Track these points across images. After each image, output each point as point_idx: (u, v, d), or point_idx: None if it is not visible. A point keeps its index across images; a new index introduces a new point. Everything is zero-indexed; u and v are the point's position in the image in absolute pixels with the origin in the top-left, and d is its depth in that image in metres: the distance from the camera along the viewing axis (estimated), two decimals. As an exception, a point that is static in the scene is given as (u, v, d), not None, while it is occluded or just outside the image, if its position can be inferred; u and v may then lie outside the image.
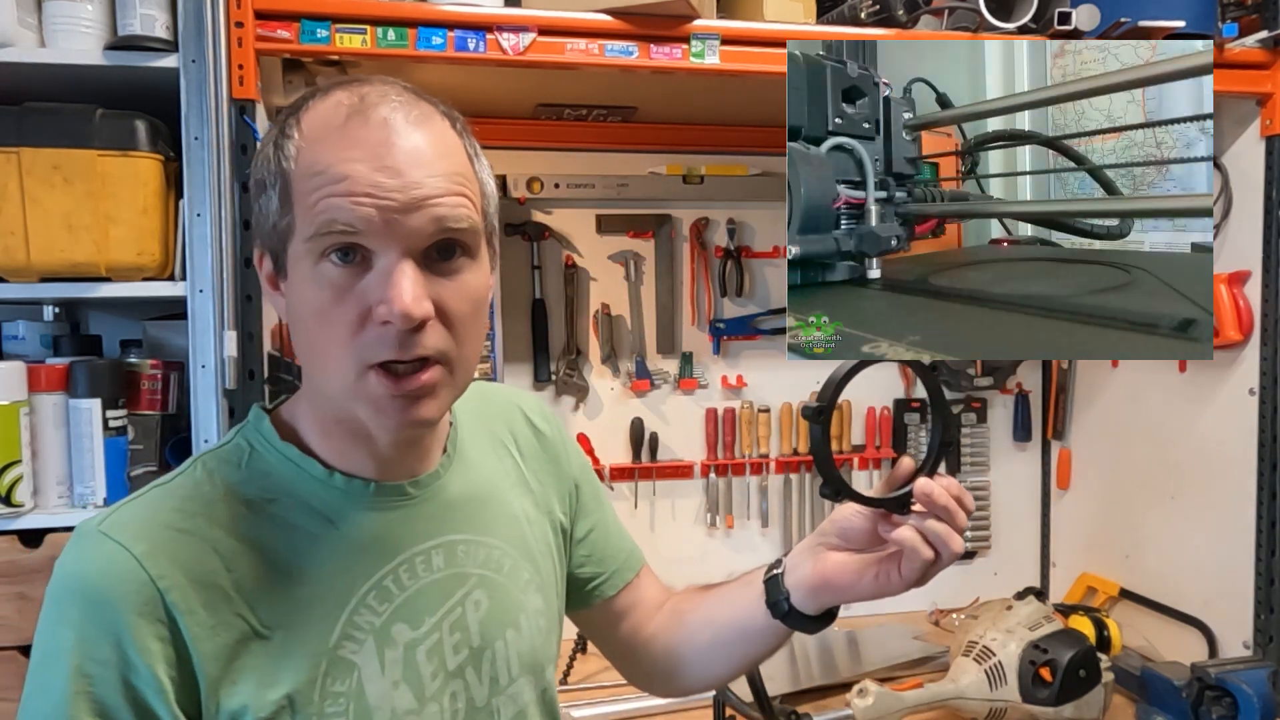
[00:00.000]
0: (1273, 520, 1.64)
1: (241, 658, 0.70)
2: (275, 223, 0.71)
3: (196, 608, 0.69)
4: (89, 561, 0.70)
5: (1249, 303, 1.67)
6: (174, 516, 0.72)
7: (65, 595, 0.70)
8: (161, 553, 0.69)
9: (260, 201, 0.73)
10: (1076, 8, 1.51)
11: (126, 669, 0.67)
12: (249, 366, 1.30)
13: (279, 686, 0.70)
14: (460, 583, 0.81)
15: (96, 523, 0.71)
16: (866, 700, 1.44)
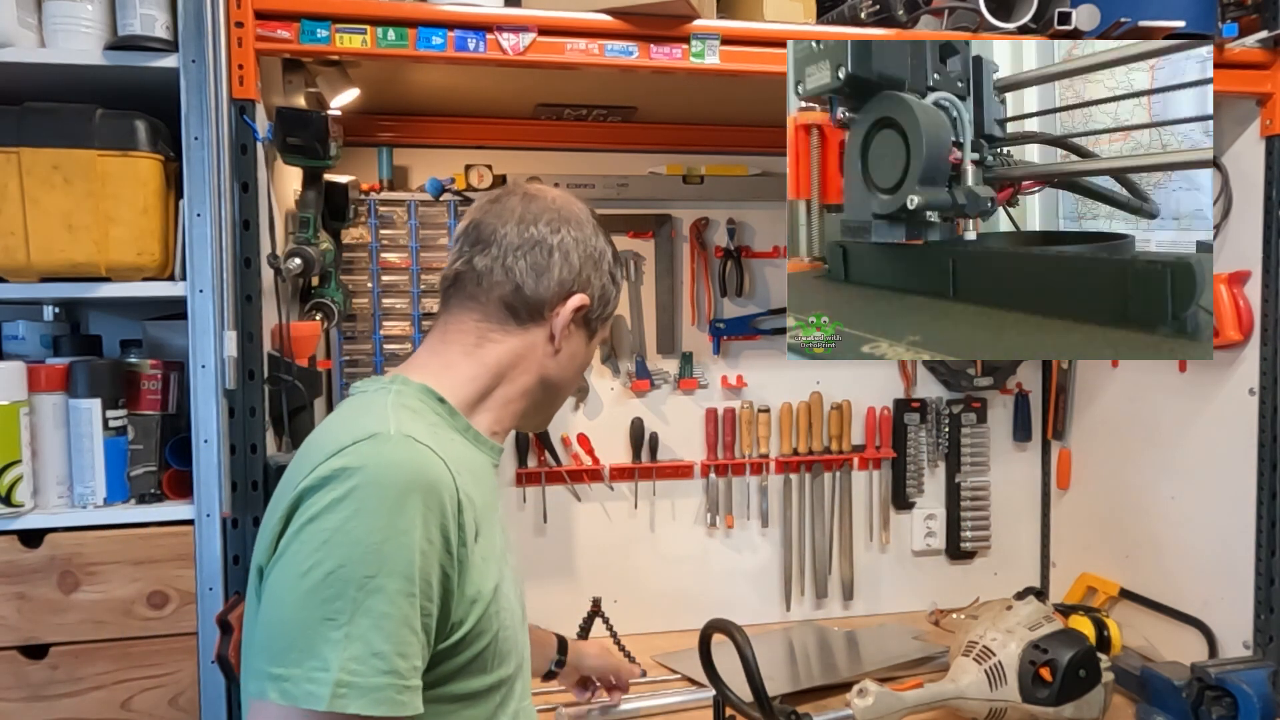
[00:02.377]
0: (1273, 520, 1.64)
1: (475, 552, 0.88)
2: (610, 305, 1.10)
3: (464, 506, 0.87)
4: (413, 456, 0.84)
5: (1249, 303, 1.67)
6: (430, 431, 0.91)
7: (400, 483, 0.81)
8: (448, 458, 0.87)
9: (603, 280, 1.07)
10: (1076, 8, 1.51)
11: (444, 549, 0.83)
12: (249, 366, 1.30)
13: (489, 579, 0.90)
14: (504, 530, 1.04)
15: (396, 429, 0.86)
16: (866, 700, 1.44)
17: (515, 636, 0.96)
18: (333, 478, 0.80)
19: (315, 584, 0.77)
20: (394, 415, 0.89)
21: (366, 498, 0.79)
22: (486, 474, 1.00)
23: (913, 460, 2.20)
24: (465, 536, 0.86)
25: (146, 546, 1.31)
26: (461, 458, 0.92)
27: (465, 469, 0.91)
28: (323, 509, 0.79)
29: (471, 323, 1.02)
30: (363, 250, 1.86)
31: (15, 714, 1.28)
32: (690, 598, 2.01)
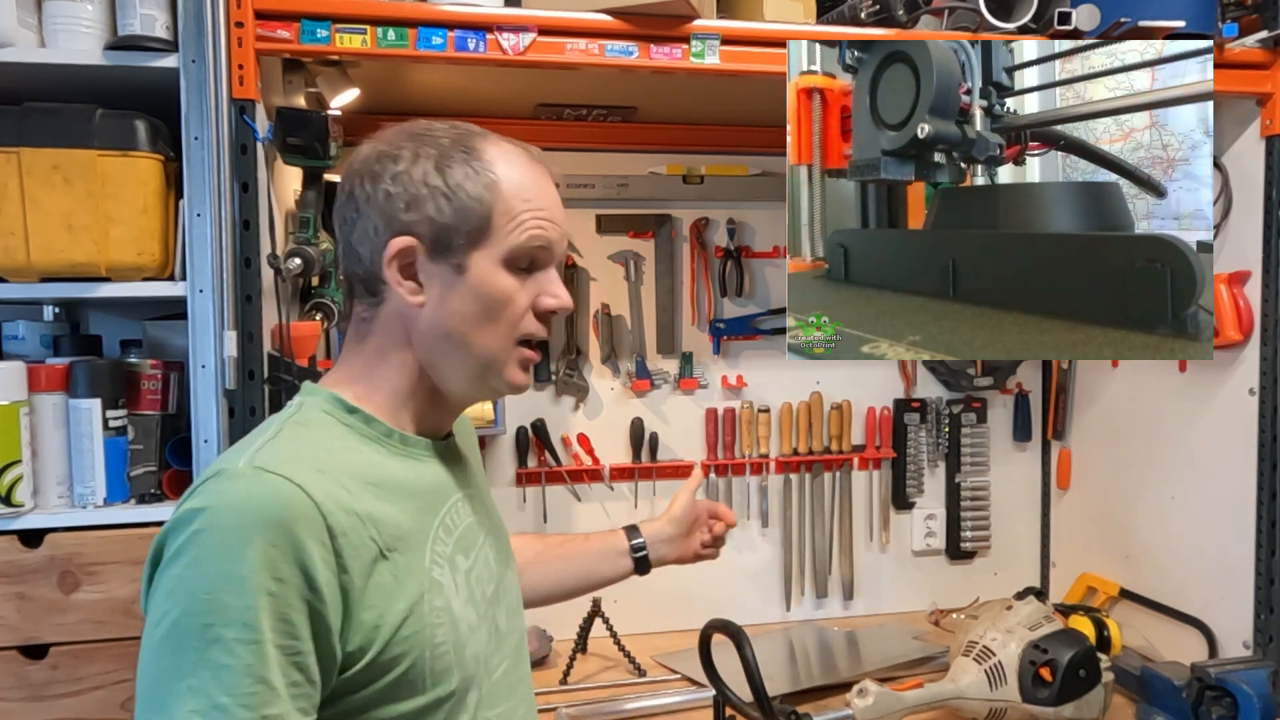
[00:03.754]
0: (1273, 520, 1.64)
1: (373, 576, 0.81)
2: (470, 227, 0.89)
3: (345, 530, 0.80)
4: (259, 493, 0.78)
5: (1249, 303, 1.67)
6: (311, 452, 0.84)
7: (240, 525, 0.76)
8: (315, 483, 0.80)
9: (431, 205, 0.88)
10: (1076, 8, 1.51)
11: (305, 586, 0.76)
12: (249, 366, 1.30)
13: (401, 600, 0.83)
14: (480, 526, 0.99)
15: (247, 462, 0.80)
16: (866, 700, 1.44)
17: (460, 651, 0.87)
18: (181, 520, 0.77)
19: (163, 635, 0.74)
20: (266, 444, 0.83)
21: (205, 543, 0.75)
22: (417, 479, 0.91)
23: (913, 460, 2.20)
24: (347, 563, 0.78)
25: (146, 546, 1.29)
26: (365, 472, 0.86)
27: (370, 483, 0.85)
28: (171, 556, 0.76)
29: (355, 320, 0.95)
30: (363, 250, 1.85)
31: (15, 714, 1.28)
32: (690, 598, 2.01)
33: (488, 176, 0.89)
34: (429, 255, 0.89)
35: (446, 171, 0.89)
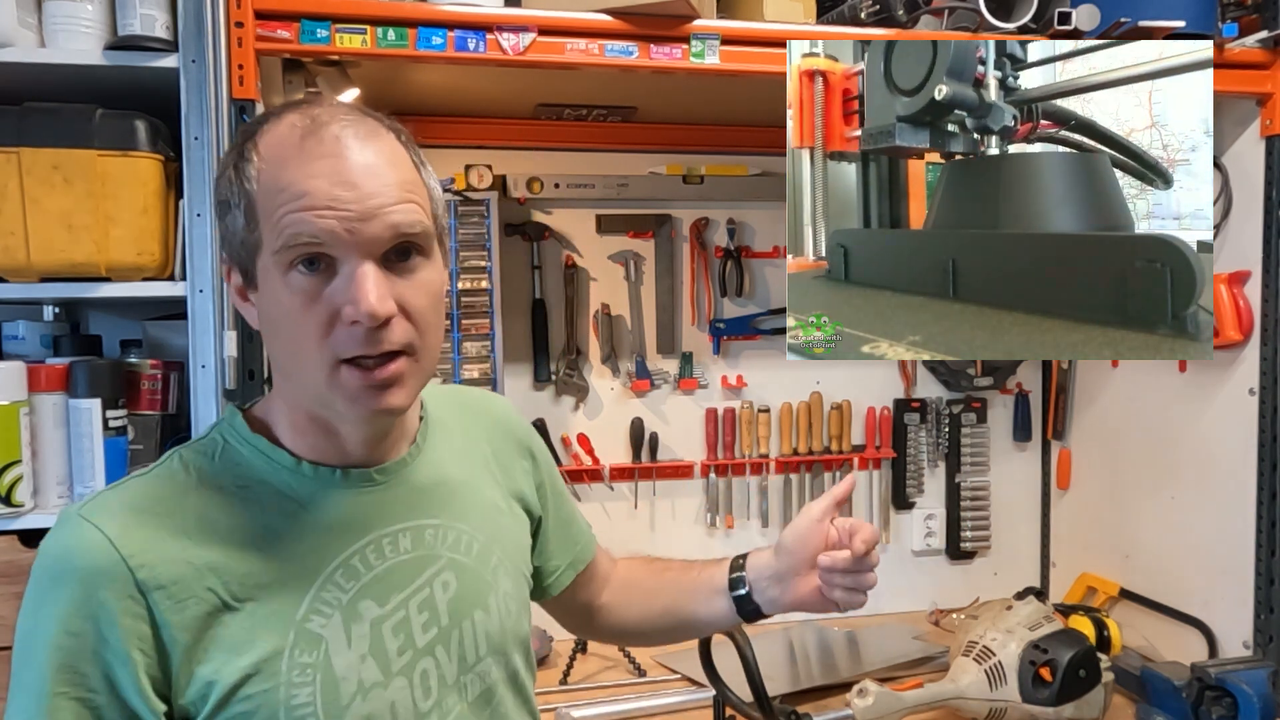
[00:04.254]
0: (1273, 520, 1.64)
1: (213, 628, 0.75)
2: (243, 239, 0.78)
3: (165, 583, 0.74)
4: (67, 542, 0.75)
5: (1249, 303, 1.67)
6: (147, 501, 0.78)
7: (45, 574, 0.75)
8: (133, 534, 0.75)
9: (226, 220, 0.79)
10: (1076, 8, 1.51)
11: (99, 643, 0.73)
12: (249, 366, 1.30)
13: (247, 655, 0.76)
14: (428, 564, 0.86)
15: (77, 508, 0.77)
16: (866, 700, 1.44)
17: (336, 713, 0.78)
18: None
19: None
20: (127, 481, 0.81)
21: (28, 586, 0.76)
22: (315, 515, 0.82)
23: (913, 460, 2.20)
24: (165, 616, 0.73)
25: (146, 546, 1.31)
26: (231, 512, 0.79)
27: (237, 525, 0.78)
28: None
29: None
30: (363, 250, 1.85)
31: (15, 714, 1.28)
32: (690, 598, 2.01)
33: (248, 174, 0.77)
34: (240, 274, 0.80)
35: (223, 178, 0.79)
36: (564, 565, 1.09)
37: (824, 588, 1.03)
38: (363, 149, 0.76)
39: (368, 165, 0.76)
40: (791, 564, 1.03)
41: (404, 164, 0.80)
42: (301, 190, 0.74)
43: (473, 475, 0.95)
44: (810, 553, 1.02)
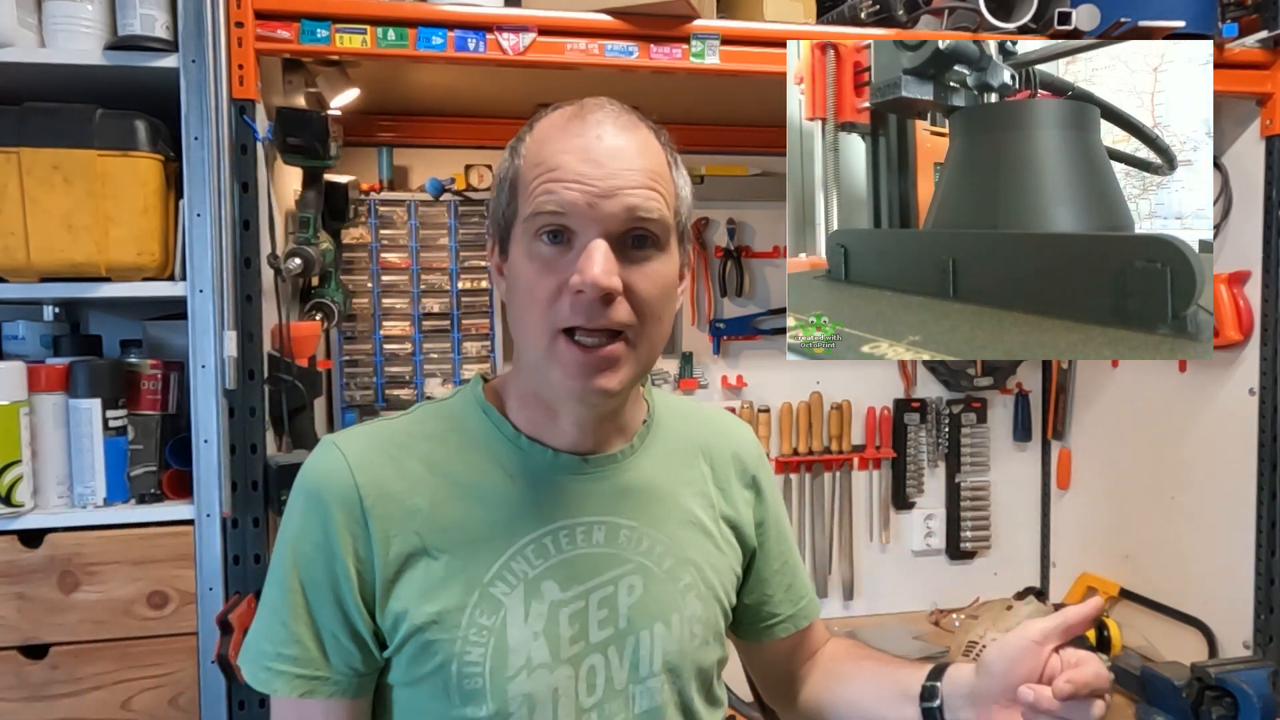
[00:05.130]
0: (1273, 520, 1.64)
1: (411, 569, 0.82)
2: (504, 211, 0.84)
3: (384, 516, 0.83)
4: (319, 463, 0.86)
5: (1249, 303, 1.67)
6: (386, 443, 0.87)
7: (299, 486, 0.85)
8: (369, 466, 0.84)
9: (497, 198, 0.86)
10: (1076, 8, 1.51)
11: (330, 553, 0.82)
12: (249, 366, 1.30)
13: (435, 602, 0.81)
14: (617, 563, 0.87)
15: (333, 435, 0.88)
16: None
17: (499, 680, 0.80)
18: None
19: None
20: (381, 420, 0.91)
21: (290, 496, 0.87)
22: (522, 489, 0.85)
23: (913, 460, 2.20)
24: (374, 544, 0.81)
25: (146, 546, 1.31)
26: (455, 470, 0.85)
27: (455, 481, 0.84)
28: None
29: None
30: (363, 250, 1.86)
31: (15, 714, 1.28)
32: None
33: (520, 150, 0.83)
34: (497, 248, 0.87)
35: (503, 164, 0.85)
36: (785, 616, 1.03)
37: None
38: (616, 135, 0.81)
39: (618, 149, 0.80)
40: (992, 688, 0.84)
41: (655, 156, 0.83)
42: (555, 164, 0.79)
43: (684, 490, 0.93)
44: (1017, 680, 0.82)
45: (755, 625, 1.03)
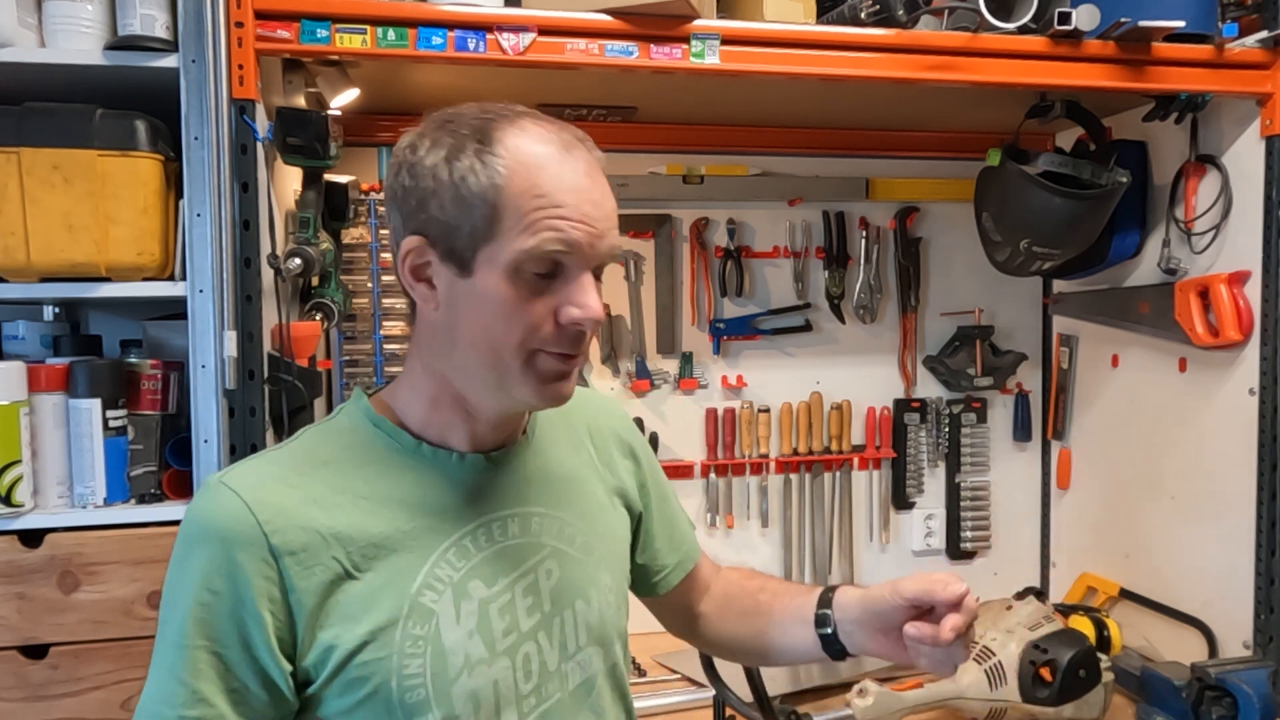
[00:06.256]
0: (1273, 520, 1.64)
1: (334, 595, 0.81)
2: (473, 227, 0.80)
3: (296, 549, 0.80)
4: (209, 506, 0.82)
5: (1249, 303, 1.67)
6: (282, 473, 0.84)
7: (189, 534, 0.82)
8: (268, 501, 0.81)
9: (440, 201, 0.81)
10: (1076, 8, 1.51)
11: (236, 601, 0.79)
12: (249, 366, 1.30)
13: (364, 623, 0.81)
14: (534, 551, 0.91)
15: (219, 476, 0.84)
16: (866, 700, 1.44)
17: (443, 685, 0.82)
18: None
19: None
20: (266, 453, 0.89)
21: (175, 545, 0.82)
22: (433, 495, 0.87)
23: (913, 460, 2.20)
24: (294, 582, 0.79)
25: (146, 546, 1.31)
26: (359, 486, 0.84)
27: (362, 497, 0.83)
28: None
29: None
30: (363, 250, 1.86)
31: (15, 714, 1.28)
32: (690, 598, 2.02)
33: (496, 169, 0.80)
34: (440, 256, 0.82)
35: (454, 164, 0.81)
36: (672, 565, 1.12)
37: (910, 651, 0.93)
38: (599, 175, 0.85)
39: (604, 191, 0.85)
40: (877, 624, 0.96)
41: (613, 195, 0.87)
42: (559, 201, 0.80)
43: (577, 470, 0.99)
44: (898, 621, 0.92)
45: (650, 580, 1.12)
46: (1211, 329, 1.71)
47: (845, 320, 2.14)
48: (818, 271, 2.13)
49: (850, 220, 2.13)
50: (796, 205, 2.11)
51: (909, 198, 2.17)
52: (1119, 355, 2.01)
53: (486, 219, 0.80)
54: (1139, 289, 1.91)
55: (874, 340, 2.17)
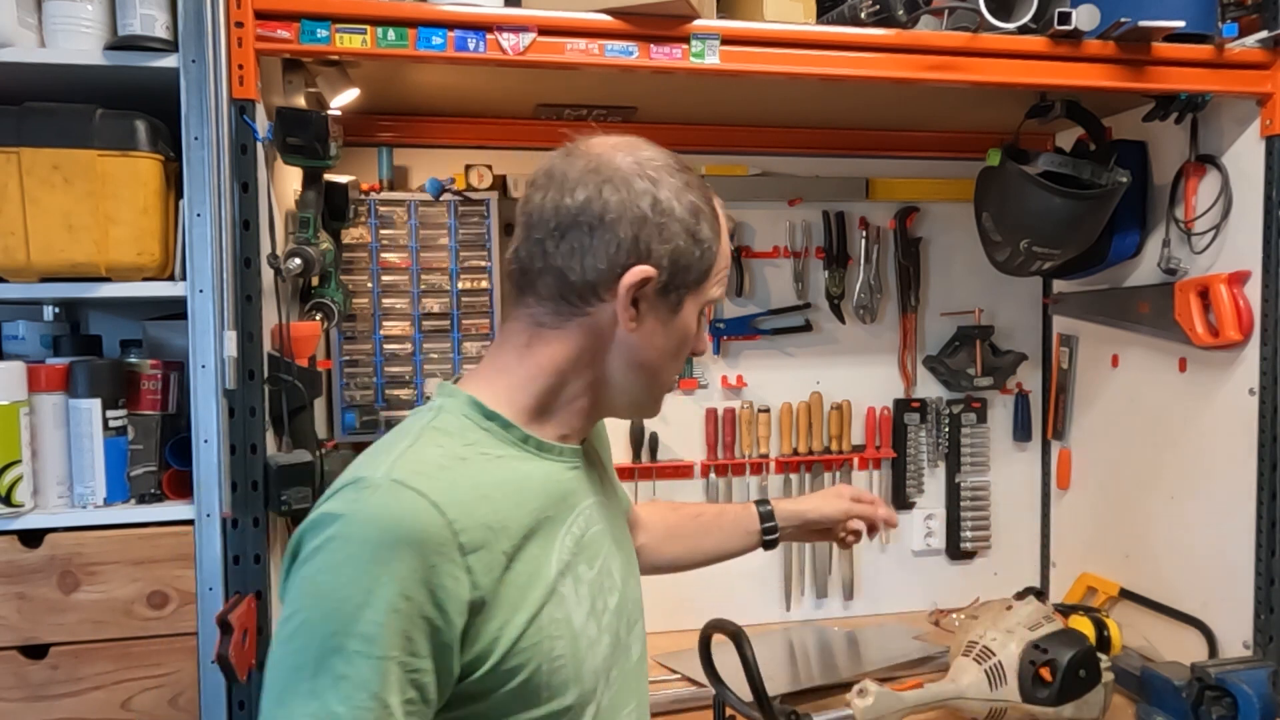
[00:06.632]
0: (1273, 520, 1.64)
1: (502, 587, 0.82)
2: (697, 274, 0.92)
3: (479, 546, 0.80)
4: (398, 510, 0.78)
5: (1249, 303, 1.67)
6: (445, 468, 0.83)
7: (374, 540, 0.76)
8: (452, 500, 0.79)
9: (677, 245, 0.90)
10: (1076, 8, 1.51)
11: (432, 608, 0.76)
12: (249, 366, 1.30)
13: (523, 610, 0.83)
14: (604, 535, 0.98)
15: (388, 474, 0.80)
16: (866, 700, 1.44)
17: (579, 665, 0.87)
18: (319, 523, 0.78)
19: (291, 632, 0.76)
20: (406, 451, 0.84)
21: (338, 551, 0.76)
22: (549, 485, 0.90)
23: (913, 460, 2.20)
24: (479, 580, 0.79)
25: (146, 546, 1.31)
26: (499, 478, 0.86)
27: (503, 490, 0.85)
28: (307, 555, 0.78)
29: (525, 320, 0.92)
30: (363, 250, 1.86)
31: (15, 714, 1.28)
32: (690, 598, 2.01)
33: (717, 233, 0.94)
34: (658, 288, 0.89)
35: (699, 217, 0.90)
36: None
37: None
38: None
39: None
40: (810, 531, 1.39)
41: None
42: (725, 265, 0.97)
43: (599, 455, 1.09)
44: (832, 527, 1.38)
45: None
46: (1211, 329, 1.71)
47: (845, 320, 2.14)
48: (818, 271, 2.13)
49: (850, 220, 2.13)
50: (796, 205, 2.11)
51: (909, 198, 2.17)
52: (1119, 355, 2.01)
53: (706, 269, 0.93)
54: (1139, 289, 1.91)
55: (874, 340, 2.17)
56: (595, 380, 0.93)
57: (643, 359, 0.92)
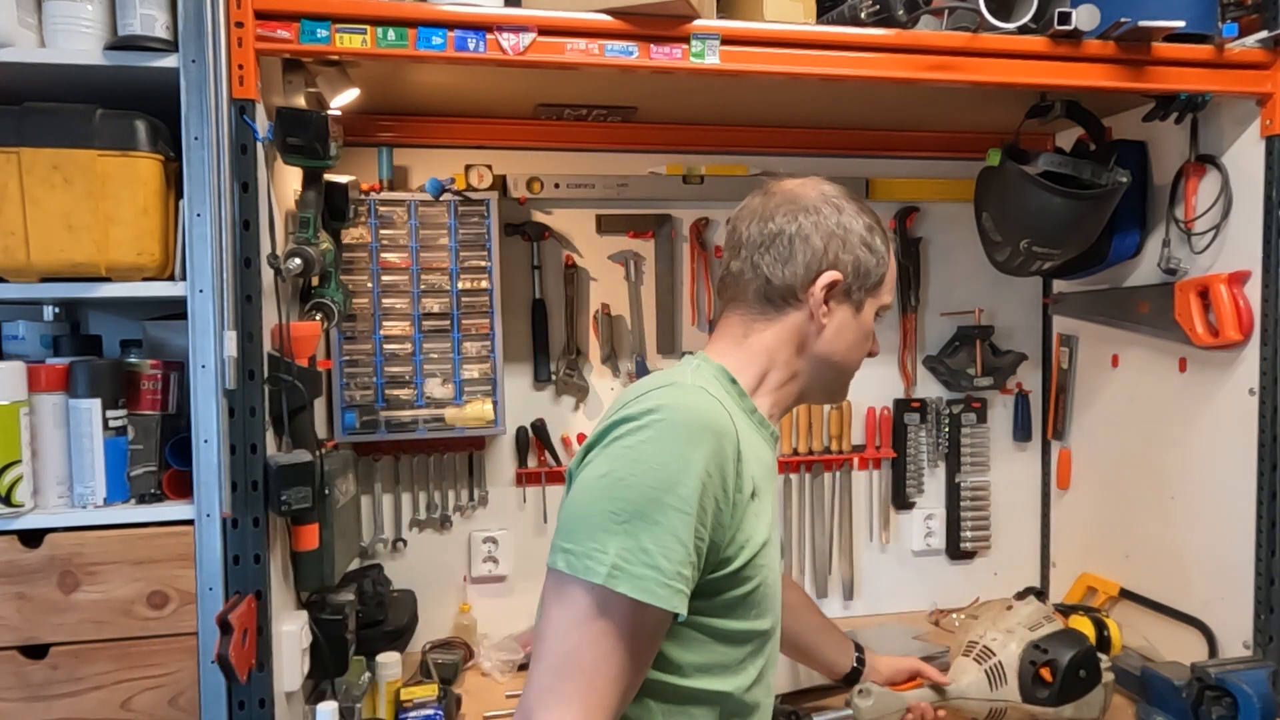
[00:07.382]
0: (1273, 520, 1.64)
1: (751, 505, 1.03)
2: (875, 280, 1.15)
3: (748, 458, 1.03)
4: (700, 405, 1.00)
5: (1249, 303, 1.67)
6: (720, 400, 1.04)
7: (689, 424, 0.97)
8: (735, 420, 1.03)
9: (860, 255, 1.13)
10: (1076, 8, 1.51)
11: (720, 486, 0.97)
12: (249, 366, 1.30)
13: (760, 533, 1.04)
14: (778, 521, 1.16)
15: (693, 381, 1.05)
16: (866, 700, 1.44)
17: (774, 599, 1.08)
18: (637, 415, 0.98)
19: (609, 485, 0.94)
20: (693, 374, 1.07)
21: (664, 429, 0.96)
22: (765, 452, 1.11)
23: (913, 460, 2.20)
24: (742, 484, 1.00)
25: (146, 546, 1.31)
26: (745, 429, 1.05)
27: (747, 439, 1.04)
28: (625, 433, 0.97)
29: (737, 318, 1.15)
30: (363, 250, 1.86)
31: (15, 714, 1.28)
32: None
33: (890, 247, 1.17)
34: (845, 289, 1.13)
35: (874, 233, 1.15)
36: None
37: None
38: None
39: None
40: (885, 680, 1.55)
41: None
42: (895, 273, 1.19)
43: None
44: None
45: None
46: (1211, 329, 1.71)
47: (845, 320, 2.14)
48: (818, 271, 2.13)
49: (850, 220, 2.13)
50: (796, 205, 2.11)
51: (909, 198, 2.17)
52: (1119, 355, 2.01)
53: (881, 276, 1.16)
54: (1139, 289, 1.91)
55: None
56: (795, 369, 1.14)
57: (832, 349, 1.13)
